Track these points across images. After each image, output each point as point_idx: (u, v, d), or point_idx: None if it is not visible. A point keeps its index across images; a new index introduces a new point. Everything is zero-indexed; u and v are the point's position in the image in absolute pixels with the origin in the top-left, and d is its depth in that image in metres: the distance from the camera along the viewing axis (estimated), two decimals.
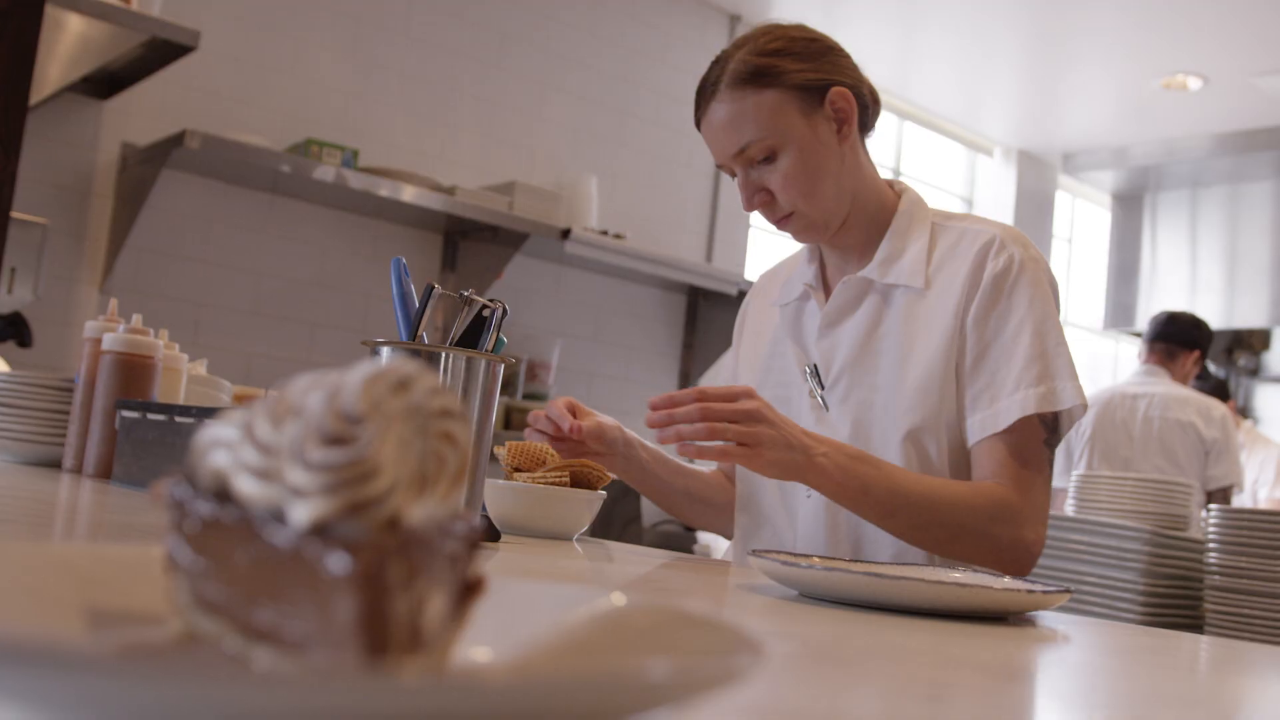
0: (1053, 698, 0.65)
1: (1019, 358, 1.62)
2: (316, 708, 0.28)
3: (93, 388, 1.82)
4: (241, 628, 0.43)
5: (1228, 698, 0.79)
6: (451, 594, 0.45)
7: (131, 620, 0.48)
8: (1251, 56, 5.38)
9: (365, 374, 0.44)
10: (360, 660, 0.36)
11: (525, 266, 4.37)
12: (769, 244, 5.56)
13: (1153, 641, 1.12)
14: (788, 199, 1.69)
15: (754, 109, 1.65)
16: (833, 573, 1.09)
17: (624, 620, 0.49)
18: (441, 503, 0.43)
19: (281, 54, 3.84)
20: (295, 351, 3.86)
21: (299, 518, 0.40)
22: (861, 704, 0.57)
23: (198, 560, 0.45)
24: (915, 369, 1.66)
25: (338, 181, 3.56)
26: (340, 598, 0.37)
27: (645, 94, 4.91)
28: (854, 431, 1.70)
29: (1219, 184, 6.96)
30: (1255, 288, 6.81)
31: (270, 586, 0.41)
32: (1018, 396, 1.61)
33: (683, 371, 5.00)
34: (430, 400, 0.45)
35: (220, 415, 1.10)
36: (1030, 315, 1.63)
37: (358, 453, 0.40)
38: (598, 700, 0.32)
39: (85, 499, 1.48)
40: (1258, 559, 2.58)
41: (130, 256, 3.50)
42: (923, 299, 1.69)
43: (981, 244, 1.68)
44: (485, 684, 0.30)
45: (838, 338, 1.75)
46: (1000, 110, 6.48)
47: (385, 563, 0.37)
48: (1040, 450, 1.63)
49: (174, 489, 0.47)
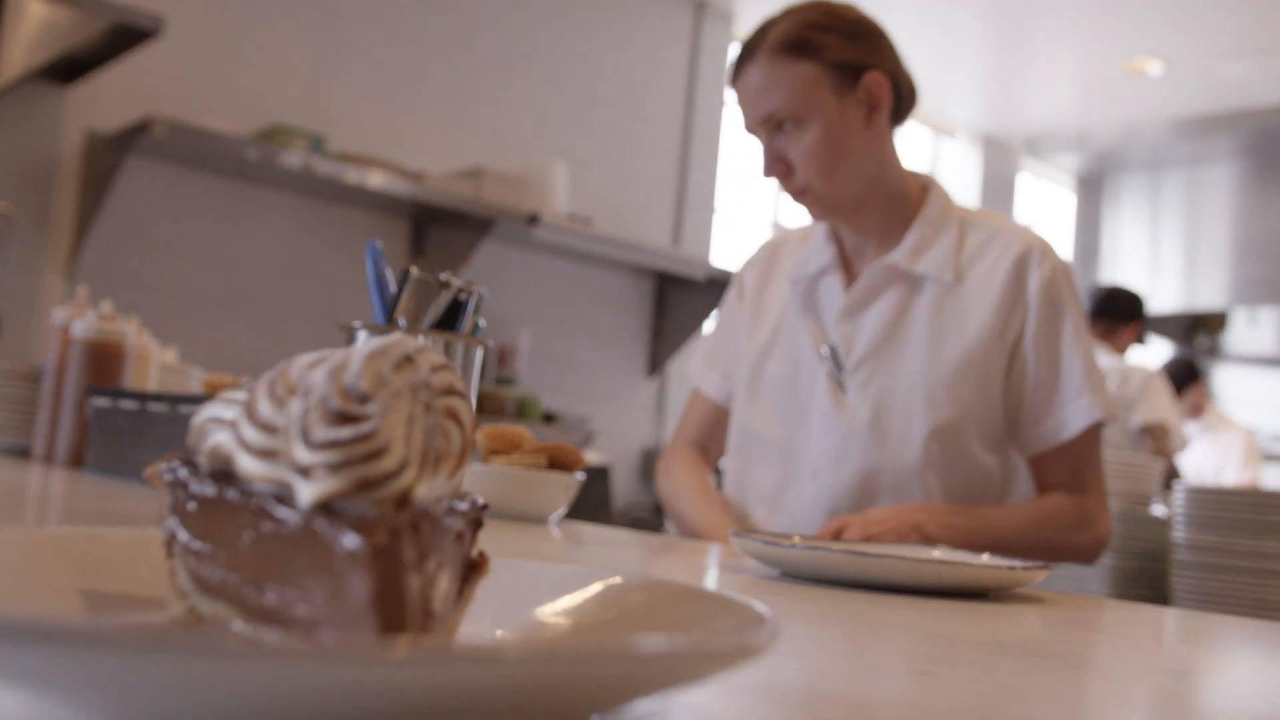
0: (1047, 670, 0.66)
1: (1077, 370, 1.69)
2: (344, 683, 0.28)
3: (62, 376, 1.80)
4: (247, 609, 0.42)
5: (1212, 665, 0.80)
6: (457, 573, 0.45)
7: (130, 604, 0.48)
8: (1213, 41, 5.43)
9: (368, 350, 0.43)
10: (375, 639, 0.36)
11: (494, 252, 4.35)
12: (736, 230, 5.56)
13: (1135, 615, 1.13)
14: (806, 173, 1.69)
15: (788, 79, 1.66)
16: (815, 551, 1.09)
17: (631, 597, 0.49)
18: (448, 481, 0.43)
19: (246, 38, 3.80)
20: (264, 338, 3.83)
21: (306, 496, 0.39)
22: (856, 681, 0.57)
23: (199, 542, 0.45)
24: (945, 364, 1.68)
25: (305, 168, 3.53)
26: (353, 576, 0.36)
27: (611, 79, 4.89)
28: (873, 419, 1.70)
29: (1179, 168, 7.03)
30: (1214, 270, 6.89)
31: (277, 567, 0.40)
32: (1082, 405, 1.68)
33: (652, 356, 5.00)
34: (434, 377, 0.44)
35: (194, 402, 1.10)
36: (1079, 328, 1.71)
37: (366, 430, 0.39)
38: (618, 673, 0.32)
39: (60, 487, 1.47)
40: (1224, 536, 2.62)
41: (96, 244, 3.46)
42: (953, 294, 1.71)
43: (1019, 251, 1.72)
44: (509, 658, 0.29)
45: (861, 322, 1.75)
46: (964, 93, 6.50)
47: (399, 541, 0.37)
48: (1099, 450, 1.73)
49: (172, 470, 0.47)
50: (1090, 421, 1.68)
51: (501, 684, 0.30)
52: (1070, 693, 0.61)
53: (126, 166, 3.36)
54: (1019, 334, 1.70)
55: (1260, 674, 0.80)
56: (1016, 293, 1.70)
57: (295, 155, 3.49)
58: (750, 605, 0.43)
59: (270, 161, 3.47)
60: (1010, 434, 1.73)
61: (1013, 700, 0.56)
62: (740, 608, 0.44)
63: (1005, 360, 1.70)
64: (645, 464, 4.95)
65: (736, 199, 5.59)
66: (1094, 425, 1.70)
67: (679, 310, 4.95)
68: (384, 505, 0.39)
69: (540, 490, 1.57)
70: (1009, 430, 1.73)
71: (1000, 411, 1.71)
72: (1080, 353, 1.69)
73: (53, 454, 1.80)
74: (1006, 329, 1.70)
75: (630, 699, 0.35)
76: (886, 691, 0.54)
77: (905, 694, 0.53)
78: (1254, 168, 6.79)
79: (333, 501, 0.39)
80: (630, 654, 0.32)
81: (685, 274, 4.66)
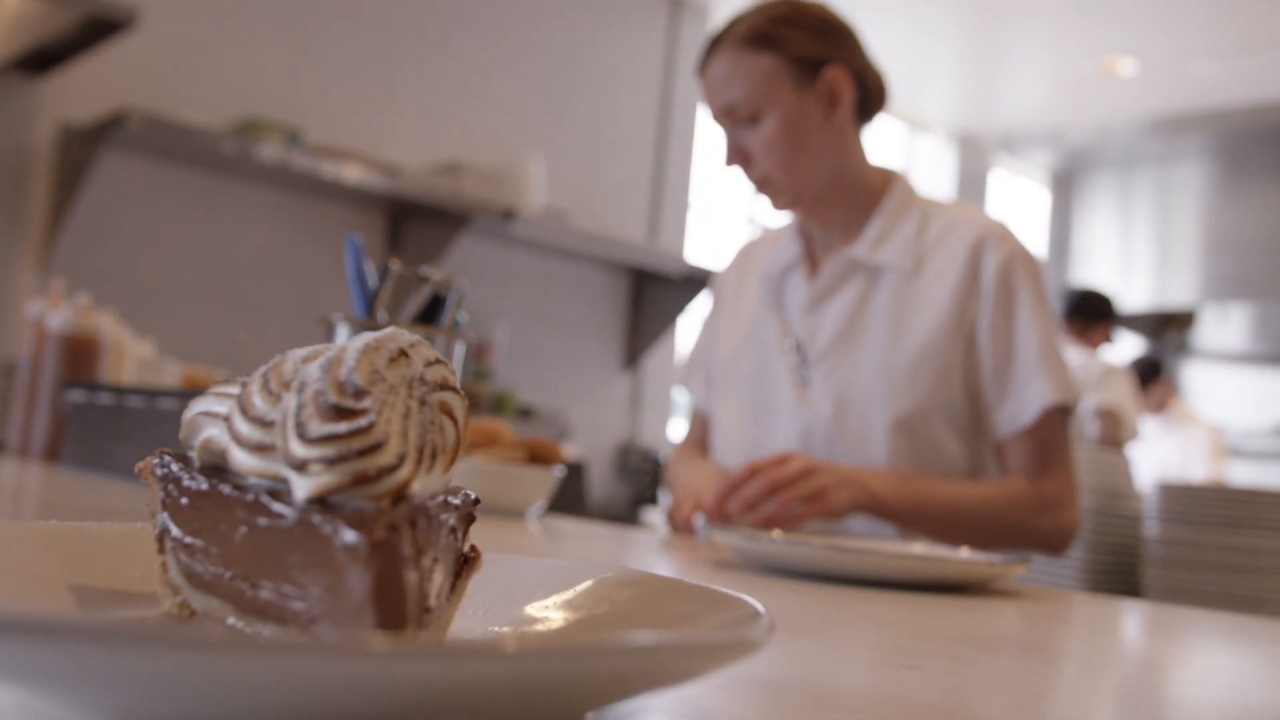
0: (1031, 663, 0.66)
1: (1032, 353, 1.67)
2: (345, 678, 0.28)
3: (38, 369, 1.78)
4: (241, 604, 0.42)
5: (1183, 658, 0.81)
6: (450, 567, 0.45)
7: (122, 599, 0.47)
8: (1186, 40, 5.47)
9: (362, 344, 0.43)
10: (374, 634, 0.36)
11: (470, 246, 4.34)
12: (712, 226, 5.56)
13: (1113, 609, 1.15)
14: (765, 165, 1.70)
15: (748, 71, 1.67)
16: (797, 547, 1.10)
17: (622, 592, 0.49)
18: (442, 475, 0.43)
19: (221, 30, 3.77)
20: (240, 332, 3.81)
21: (302, 491, 0.39)
22: (844, 674, 0.58)
23: (191, 537, 0.44)
24: (904, 354, 1.68)
25: (281, 162, 3.51)
26: (353, 571, 0.36)
27: (587, 74, 4.89)
28: (836, 411, 1.71)
29: (1151, 166, 7.08)
30: (1185, 268, 6.95)
31: (272, 562, 0.40)
32: (1037, 388, 1.66)
33: (628, 351, 4.99)
34: (428, 371, 0.44)
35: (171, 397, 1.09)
36: (1035, 311, 1.69)
37: (362, 424, 0.39)
38: (619, 668, 0.32)
39: (36, 481, 1.46)
40: (1195, 531, 2.64)
41: (70, 237, 3.43)
42: (912, 283, 1.71)
43: (975, 238, 1.71)
44: (513, 653, 0.29)
45: (824, 315, 1.76)
46: (940, 90, 6.53)
47: (398, 536, 0.37)
48: (1064, 435, 1.70)
49: (163, 465, 0.47)
50: (1045, 404, 1.65)
51: (507, 679, 0.30)
52: (1052, 685, 0.62)
53: (101, 159, 3.33)
54: (974, 319, 1.69)
55: (1228, 666, 0.81)
56: (973, 278, 1.69)
57: (271, 149, 3.47)
58: (744, 600, 0.43)
59: (246, 155, 3.45)
60: (975, 421, 1.73)
61: (997, 693, 0.56)
62: (734, 602, 0.44)
63: (963, 347, 1.69)
64: (621, 458, 4.95)
65: (712, 194, 5.59)
66: (1054, 409, 1.67)
67: (655, 305, 4.95)
68: (381, 500, 0.39)
69: (519, 485, 1.57)
70: (975, 418, 1.73)
71: (963, 399, 1.70)
72: (1036, 336, 1.67)
73: (28, 447, 1.79)
74: (963, 315, 1.69)
75: (628, 695, 0.35)
76: (874, 684, 0.54)
77: (893, 688, 0.54)
78: (1224, 167, 6.85)
79: (328, 496, 0.39)
80: (632, 649, 0.32)
81: (661, 269, 4.67)
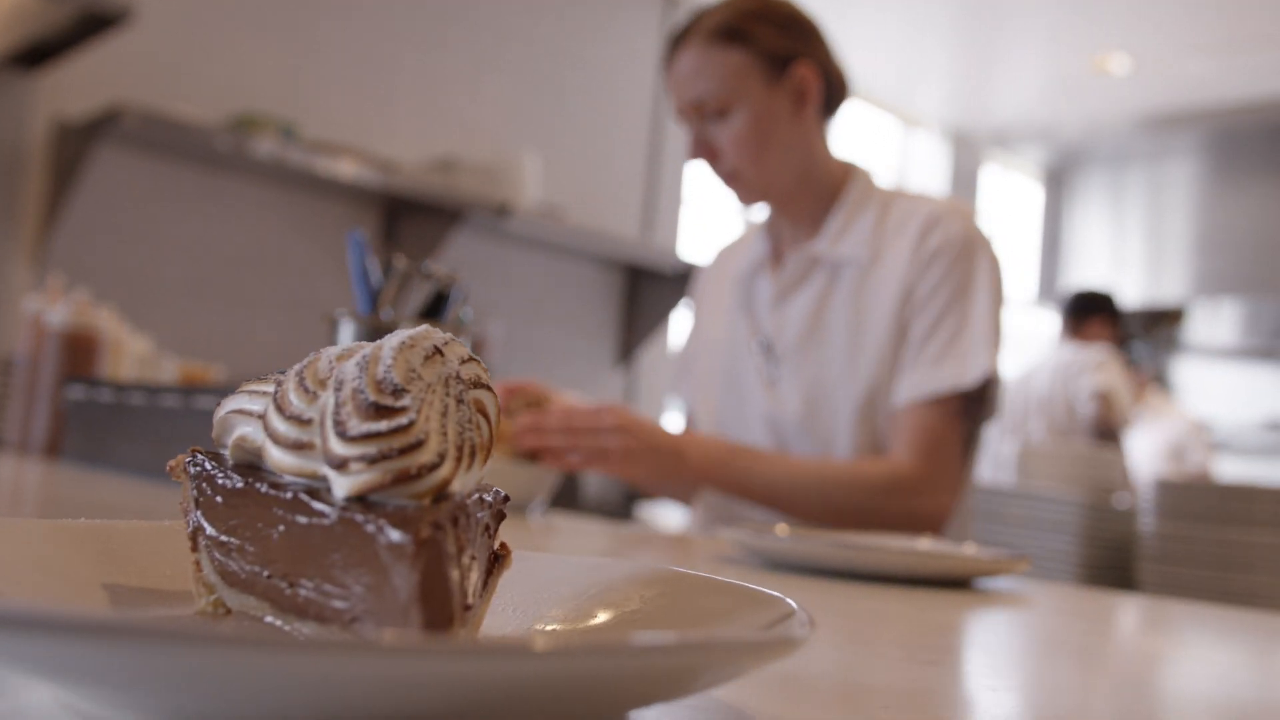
0: (1051, 658, 0.67)
1: (941, 334, 1.63)
2: (407, 677, 0.28)
3: (37, 365, 1.78)
4: (279, 603, 0.42)
5: (1184, 652, 0.82)
6: (483, 565, 0.45)
7: (154, 597, 0.47)
8: (1179, 37, 5.48)
9: (398, 342, 0.43)
10: (421, 633, 0.36)
11: (465, 242, 4.33)
12: (705, 222, 5.56)
13: (1119, 602, 1.15)
14: (734, 159, 1.70)
15: (717, 65, 1.67)
16: (803, 543, 1.11)
17: (650, 589, 0.49)
18: (478, 473, 0.43)
19: (216, 25, 3.76)
20: (235, 327, 3.80)
21: (342, 489, 0.39)
22: (868, 671, 0.58)
23: (226, 535, 0.44)
24: (866, 344, 1.68)
25: (276, 158, 3.50)
26: (399, 570, 0.36)
27: (582, 70, 4.88)
28: (805, 408, 1.72)
29: (1143, 162, 7.10)
30: (1176, 264, 6.97)
31: (312, 560, 0.40)
32: (921, 373, 1.63)
33: (623, 347, 5.00)
34: (463, 369, 0.45)
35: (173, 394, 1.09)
36: (967, 291, 1.64)
37: (403, 423, 0.39)
38: (674, 666, 0.33)
39: (38, 476, 1.45)
40: (1192, 526, 2.65)
41: (65, 232, 3.41)
42: (870, 275, 1.70)
43: (929, 216, 1.70)
44: (574, 651, 0.30)
45: (789, 312, 1.76)
46: (933, 86, 6.53)
47: (443, 534, 0.37)
48: (950, 422, 1.63)
49: (196, 463, 0.47)
50: (918, 392, 1.61)
51: (560, 677, 0.30)
52: (1058, 680, 0.63)
53: (95, 154, 3.32)
54: (913, 288, 1.66)
55: (1220, 660, 0.81)
56: (920, 252, 1.67)
57: (266, 145, 3.46)
58: (778, 597, 0.43)
59: (241, 151, 3.44)
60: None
61: (1035, 691, 0.57)
62: (767, 599, 0.44)
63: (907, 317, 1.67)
64: None
65: (706, 191, 5.59)
66: (950, 397, 1.62)
67: (648, 301, 4.95)
68: (421, 498, 0.39)
69: (520, 481, 1.57)
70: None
71: None
72: (954, 320, 1.63)
73: (28, 444, 1.79)
74: (909, 290, 1.66)
75: (673, 694, 0.36)
76: (894, 680, 0.55)
77: (916, 683, 0.54)
78: (1215, 164, 6.87)
79: (369, 495, 0.39)
80: (682, 646, 0.32)
81: (655, 265, 4.67)
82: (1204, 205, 6.91)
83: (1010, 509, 3.07)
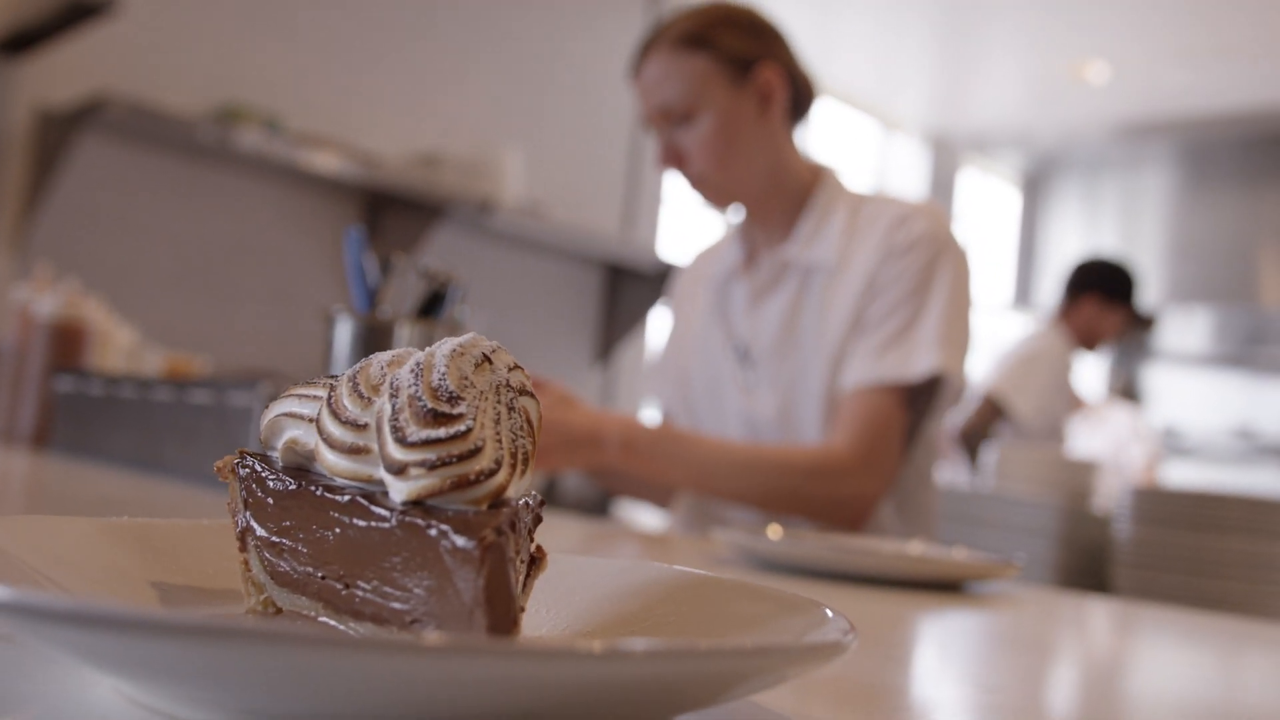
0: (1058, 664, 0.68)
1: (892, 323, 1.64)
2: (493, 677, 0.29)
3: (24, 355, 1.77)
4: (335, 603, 0.43)
5: (1155, 654, 0.84)
6: (524, 568, 0.46)
7: (202, 596, 0.48)
8: (1158, 45, 5.54)
9: (449, 350, 0.44)
10: (486, 636, 0.37)
11: (447, 238, 4.33)
12: (685, 222, 5.58)
13: (1097, 606, 1.18)
14: (701, 164, 1.72)
15: (682, 71, 1.69)
16: (796, 545, 1.13)
17: (681, 592, 0.50)
18: (529, 480, 0.44)
19: (202, 15, 3.74)
20: (218, 318, 3.79)
21: (400, 494, 0.40)
22: (884, 674, 0.59)
23: (278, 536, 0.45)
24: (832, 345, 1.70)
25: (260, 150, 3.49)
26: (463, 574, 0.37)
27: (565, 67, 4.89)
28: (780, 413, 1.73)
29: (1119, 170, 7.17)
30: (1149, 272, 7.04)
31: (369, 562, 0.41)
32: (867, 360, 1.64)
33: (602, 345, 5.01)
34: (510, 377, 0.46)
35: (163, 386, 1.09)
36: (920, 285, 1.65)
37: (461, 429, 0.40)
38: (727, 670, 0.34)
39: (27, 468, 1.45)
40: (1166, 532, 2.69)
41: (47, 221, 3.39)
42: (837, 278, 1.72)
43: (891, 218, 1.71)
44: (638, 655, 0.31)
45: (763, 318, 1.78)
46: (913, 91, 6.57)
47: (505, 539, 0.38)
48: (892, 412, 1.63)
49: (245, 465, 0.48)
50: (862, 381, 1.62)
51: (622, 680, 0.31)
52: (1058, 679, 0.64)
53: (78, 143, 3.30)
54: (874, 277, 1.67)
55: (1189, 661, 0.83)
56: (886, 248, 1.68)
57: (250, 137, 3.45)
58: (813, 602, 0.45)
59: (225, 142, 3.43)
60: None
61: (1019, 686, 0.58)
62: (803, 604, 0.45)
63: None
64: None
65: (684, 194, 5.60)
66: (890, 386, 1.62)
67: (628, 300, 4.96)
68: (479, 504, 0.40)
69: None
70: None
71: None
72: (908, 312, 1.64)
73: (13, 434, 1.78)
74: (872, 281, 1.67)
75: (722, 698, 0.37)
76: (905, 679, 0.56)
77: (930, 688, 0.55)
78: (1189, 173, 6.94)
79: (426, 500, 0.40)
80: (736, 652, 0.34)
81: (635, 263, 4.68)
82: (1177, 214, 6.98)
83: (988, 512, 3.10)
